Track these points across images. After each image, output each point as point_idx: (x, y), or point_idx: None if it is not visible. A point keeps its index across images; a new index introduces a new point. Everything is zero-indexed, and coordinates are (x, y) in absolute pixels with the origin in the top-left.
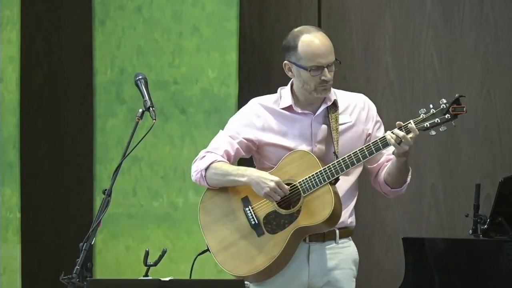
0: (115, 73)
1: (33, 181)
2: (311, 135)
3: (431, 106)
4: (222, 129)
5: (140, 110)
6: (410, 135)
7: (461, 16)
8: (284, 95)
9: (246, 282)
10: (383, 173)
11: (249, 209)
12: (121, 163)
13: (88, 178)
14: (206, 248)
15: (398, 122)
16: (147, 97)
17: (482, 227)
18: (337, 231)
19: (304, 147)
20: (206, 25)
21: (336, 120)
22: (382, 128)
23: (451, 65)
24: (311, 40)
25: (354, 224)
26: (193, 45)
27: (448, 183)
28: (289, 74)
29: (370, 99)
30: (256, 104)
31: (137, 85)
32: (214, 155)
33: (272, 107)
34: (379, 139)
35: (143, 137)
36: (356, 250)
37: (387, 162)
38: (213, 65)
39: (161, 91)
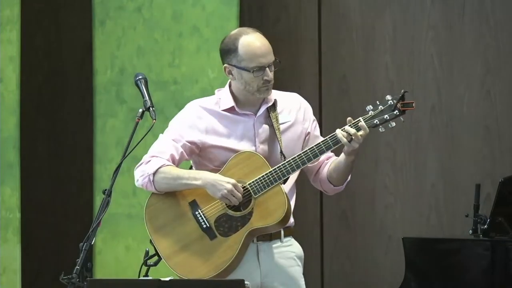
0: (115, 73)
1: (33, 181)
2: (254, 135)
3: (378, 103)
4: None
5: (140, 110)
6: (360, 132)
7: (461, 16)
8: (223, 97)
9: (246, 282)
10: (325, 171)
11: (199, 213)
12: (121, 163)
13: (88, 178)
14: (154, 253)
15: (348, 118)
16: (147, 97)
17: (482, 227)
18: (282, 230)
19: (248, 147)
20: (206, 25)
21: (277, 119)
22: (318, 126)
23: (451, 65)
24: (251, 41)
25: (293, 223)
26: (193, 45)
27: (448, 183)
28: (230, 77)
29: (370, 99)
30: (196, 106)
31: (137, 85)
32: (160, 160)
33: (213, 109)
34: (329, 137)
35: (143, 137)
36: (300, 247)
37: (327, 159)
38: (213, 65)
39: (161, 91)
